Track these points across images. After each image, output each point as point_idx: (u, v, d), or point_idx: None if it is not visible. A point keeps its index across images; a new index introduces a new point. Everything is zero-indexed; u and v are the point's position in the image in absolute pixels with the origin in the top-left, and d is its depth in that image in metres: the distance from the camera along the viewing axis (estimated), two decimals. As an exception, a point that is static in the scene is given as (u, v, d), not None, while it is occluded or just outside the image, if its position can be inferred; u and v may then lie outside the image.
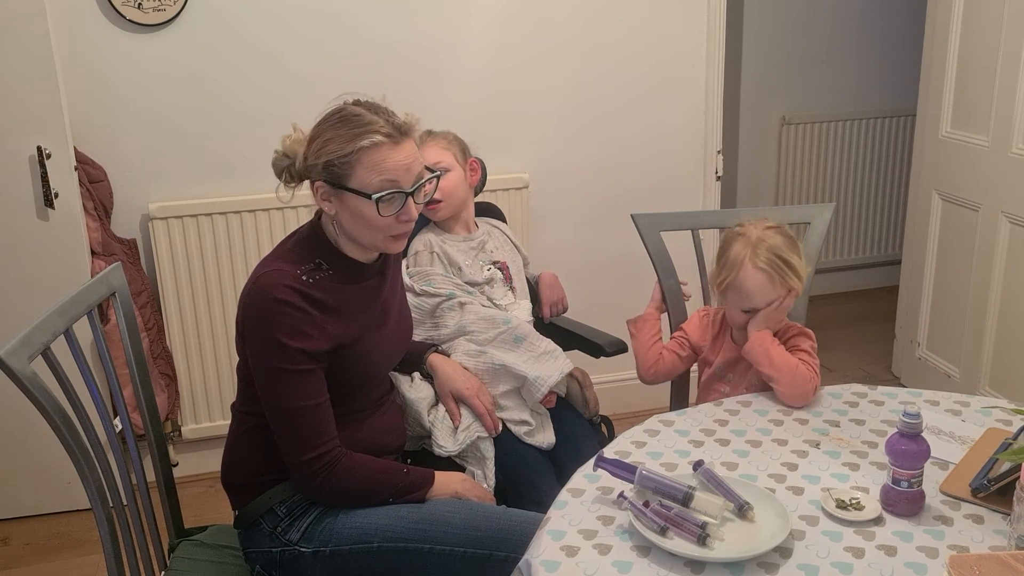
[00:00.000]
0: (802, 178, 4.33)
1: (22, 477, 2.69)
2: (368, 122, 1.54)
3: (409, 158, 1.57)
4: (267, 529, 1.62)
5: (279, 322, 1.52)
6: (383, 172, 1.54)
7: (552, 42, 2.97)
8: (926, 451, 1.36)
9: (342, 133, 1.54)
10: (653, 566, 1.25)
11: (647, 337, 2.03)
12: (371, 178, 1.54)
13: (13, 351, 1.35)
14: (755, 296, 1.80)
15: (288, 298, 1.53)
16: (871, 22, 4.24)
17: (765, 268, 1.79)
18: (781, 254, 1.80)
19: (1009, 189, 2.84)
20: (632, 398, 3.22)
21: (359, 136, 1.53)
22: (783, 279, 1.79)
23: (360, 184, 1.54)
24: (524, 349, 2.00)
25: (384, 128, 1.54)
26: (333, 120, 1.57)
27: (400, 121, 1.57)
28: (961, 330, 3.12)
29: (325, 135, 1.56)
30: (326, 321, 1.57)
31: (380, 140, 1.53)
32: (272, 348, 1.53)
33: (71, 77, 2.56)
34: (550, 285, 2.30)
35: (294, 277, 1.55)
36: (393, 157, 1.55)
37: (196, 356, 2.83)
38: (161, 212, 2.70)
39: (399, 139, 1.56)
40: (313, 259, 1.60)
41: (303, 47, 2.76)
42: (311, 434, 1.56)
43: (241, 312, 1.59)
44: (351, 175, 1.54)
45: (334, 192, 1.57)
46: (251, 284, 1.57)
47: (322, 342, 1.56)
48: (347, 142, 1.53)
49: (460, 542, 1.57)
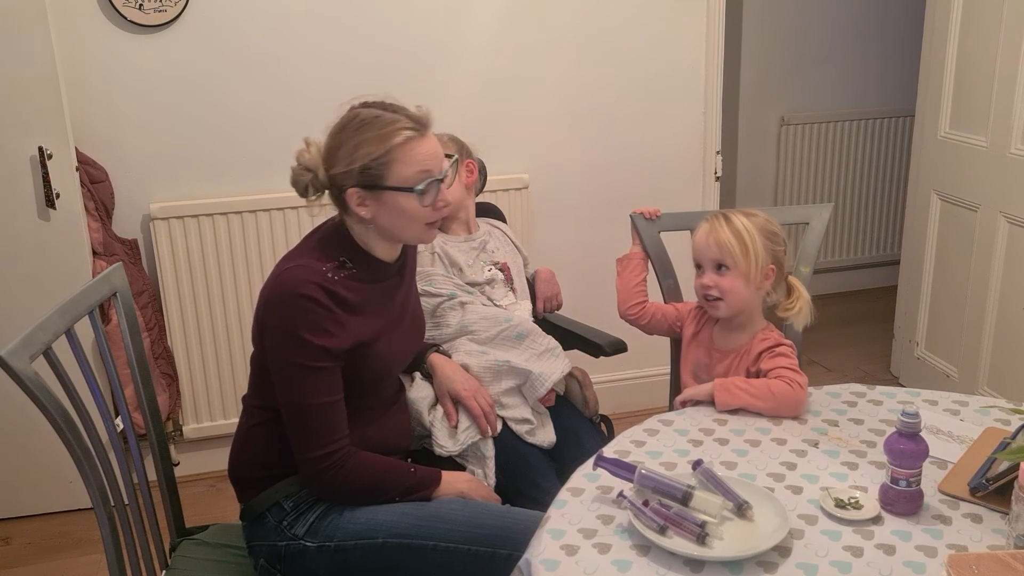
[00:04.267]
0: (801, 178, 4.34)
1: (23, 477, 2.69)
2: (392, 120, 1.58)
3: (436, 146, 1.62)
4: (273, 523, 1.62)
5: (303, 318, 1.53)
6: (419, 163, 1.58)
7: (552, 43, 2.97)
8: (925, 450, 1.36)
9: (371, 136, 1.56)
10: (652, 565, 1.25)
11: (632, 274, 2.08)
12: (409, 171, 1.57)
13: (14, 351, 1.35)
14: (699, 243, 1.81)
15: (313, 294, 1.54)
16: (870, 23, 4.24)
17: (711, 220, 1.81)
18: (737, 219, 1.79)
19: (1008, 189, 2.85)
20: (632, 398, 3.23)
21: (389, 135, 1.56)
22: (722, 238, 1.77)
23: (399, 180, 1.57)
24: (526, 347, 2.01)
25: (408, 123, 1.58)
26: (355, 126, 1.58)
27: (417, 114, 1.61)
28: (960, 330, 3.13)
29: (351, 141, 1.57)
30: (348, 319, 1.58)
31: (410, 134, 1.57)
32: (293, 343, 1.54)
33: (72, 77, 2.57)
34: (545, 280, 2.31)
35: (320, 274, 1.56)
36: (424, 148, 1.59)
37: (197, 356, 2.84)
38: (162, 212, 2.70)
39: (423, 130, 1.60)
40: (338, 257, 1.62)
41: (304, 48, 2.77)
42: (323, 431, 1.57)
43: (263, 305, 1.59)
44: (388, 173, 1.57)
45: (371, 195, 1.58)
46: (275, 278, 1.58)
47: (343, 340, 1.57)
48: (379, 143, 1.56)
49: (463, 540, 1.58)
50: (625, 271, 2.10)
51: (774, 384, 1.71)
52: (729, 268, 1.79)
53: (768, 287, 1.82)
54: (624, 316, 2.08)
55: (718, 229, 1.79)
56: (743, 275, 1.78)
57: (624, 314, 2.08)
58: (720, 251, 1.79)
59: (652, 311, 2.05)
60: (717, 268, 1.80)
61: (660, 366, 2.57)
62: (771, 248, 1.81)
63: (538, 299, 2.28)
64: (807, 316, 1.85)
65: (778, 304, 1.86)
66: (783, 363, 1.75)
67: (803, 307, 1.84)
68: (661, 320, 2.04)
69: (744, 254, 1.77)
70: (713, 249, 1.80)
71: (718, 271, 1.80)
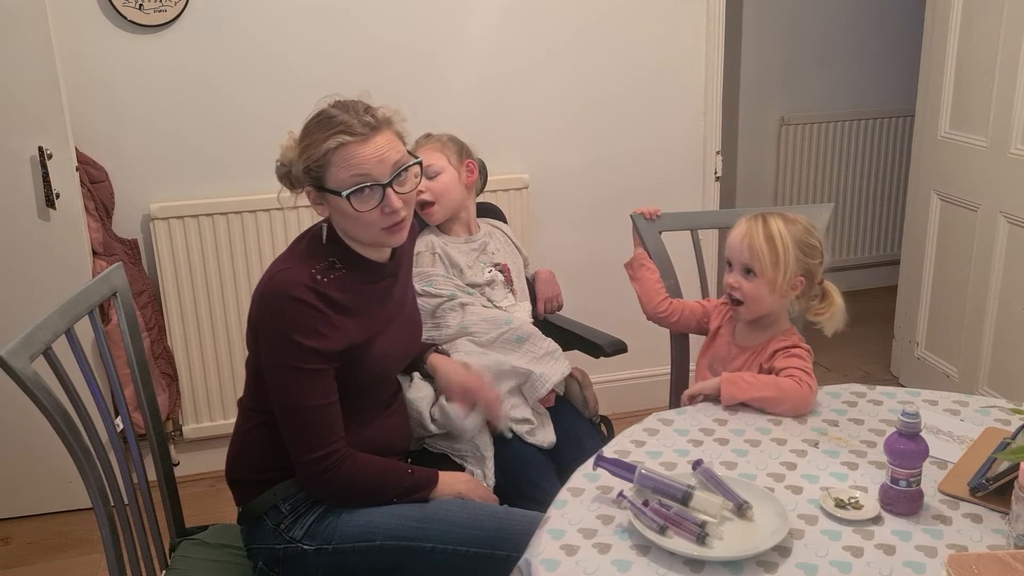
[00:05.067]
0: (801, 178, 4.34)
1: (23, 476, 2.69)
2: (339, 123, 1.55)
3: (381, 150, 1.56)
4: (270, 526, 1.62)
5: (294, 320, 1.53)
6: (352, 168, 1.55)
7: (552, 43, 2.97)
8: (925, 450, 1.36)
9: (317, 137, 1.56)
10: (652, 565, 1.25)
11: (647, 274, 2.09)
12: (343, 175, 1.55)
13: (14, 351, 1.35)
14: (733, 243, 1.79)
15: (304, 296, 1.53)
16: (870, 23, 4.24)
17: (750, 221, 1.78)
18: (775, 224, 1.77)
19: (1008, 189, 2.85)
20: (632, 398, 3.23)
21: (328, 138, 1.55)
22: (756, 244, 1.75)
23: (334, 183, 1.56)
24: (526, 350, 2.01)
25: (353, 127, 1.55)
26: (312, 125, 1.59)
27: (372, 117, 1.57)
28: (960, 330, 3.13)
29: (304, 140, 1.58)
30: (340, 321, 1.58)
31: (347, 139, 1.54)
32: (285, 346, 1.53)
33: (72, 78, 2.57)
34: (546, 281, 2.31)
35: (309, 276, 1.56)
36: (361, 152, 1.55)
37: (197, 356, 2.84)
38: (162, 212, 2.70)
39: (369, 135, 1.55)
40: (326, 258, 1.61)
41: (304, 48, 2.76)
42: (319, 433, 1.56)
43: (255, 309, 1.59)
44: (327, 176, 1.56)
45: (318, 195, 1.59)
46: (266, 281, 1.58)
47: (335, 342, 1.56)
48: (319, 145, 1.55)
49: (462, 541, 1.58)
50: (639, 273, 2.10)
51: (782, 380, 1.71)
52: (756, 275, 1.77)
53: (793, 296, 1.80)
54: (653, 316, 2.07)
55: (754, 233, 1.77)
56: (769, 283, 1.76)
57: (652, 313, 2.06)
58: (751, 256, 1.77)
59: (680, 308, 2.05)
60: (745, 271, 1.79)
61: (660, 366, 2.57)
62: (803, 260, 1.77)
63: (539, 300, 2.28)
64: (838, 323, 1.82)
65: (810, 308, 1.84)
66: (796, 363, 1.75)
67: (835, 313, 1.82)
68: (689, 317, 2.04)
69: (774, 264, 1.75)
70: (745, 253, 1.78)
71: (746, 275, 1.79)
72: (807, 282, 1.80)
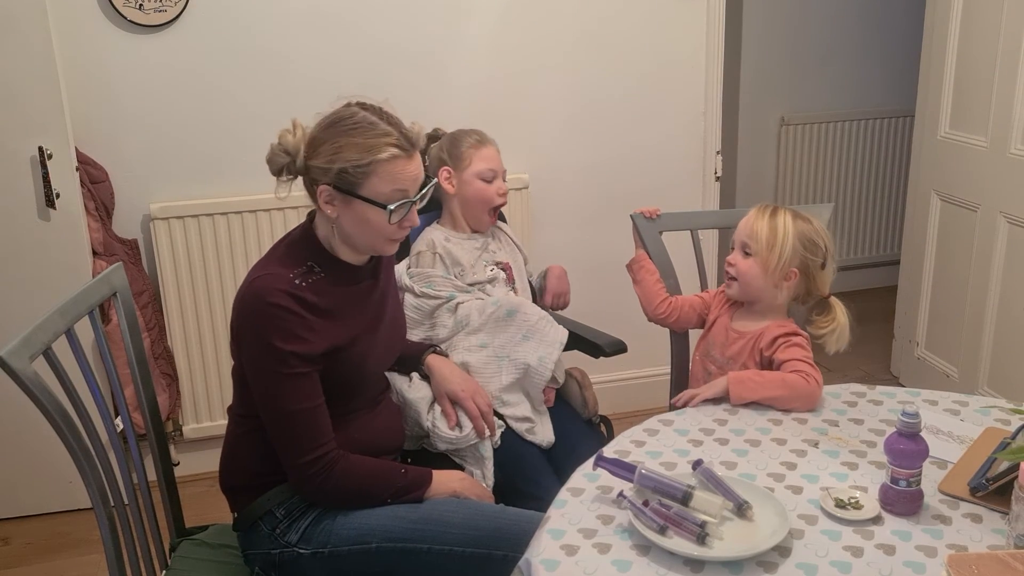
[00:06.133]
0: (801, 178, 4.34)
1: (23, 477, 2.69)
2: (383, 132, 1.56)
3: (419, 169, 1.61)
4: (266, 531, 1.62)
5: (273, 326, 1.53)
6: (397, 183, 1.57)
7: (552, 43, 2.97)
8: (924, 450, 1.36)
9: (358, 142, 1.55)
10: (652, 565, 1.25)
11: (648, 275, 2.11)
12: (385, 188, 1.56)
13: (14, 351, 1.35)
14: (739, 226, 1.87)
15: (281, 302, 1.53)
16: (870, 23, 4.24)
17: (761, 208, 1.86)
18: (781, 215, 1.84)
19: (1007, 189, 2.85)
20: (632, 397, 3.23)
21: (376, 148, 1.54)
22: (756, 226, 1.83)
23: (372, 193, 1.56)
24: (520, 321, 2.00)
25: (399, 140, 1.56)
26: (346, 125, 1.56)
27: (410, 132, 1.60)
28: (960, 330, 3.13)
29: (337, 141, 1.56)
30: (319, 324, 1.57)
31: (397, 153, 1.55)
32: (266, 352, 1.53)
33: (72, 77, 2.57)
34: (558, 277, 2.32)
35: (287, 280, 1.56)
36: (408, 170, 1.58)
37: (197, 356, 2.84)
38: (162, 212, 2.70)
39: (412, 152, 1.59)
40: (305, 262, 1.61)
41: (304, 49, 2.76)
42: (308, 437, 1.56)
43: (235, 316, 1.59)
44: (364, 184, 1.56)
45: (341, 197, 1.57)
46: (244, 288, 1.58)
47: (316, 345, 1.56)
48: (363, 152, 1.54)
49: (459, 541, 1.57)
50: (640, 274, 2.11)
51: (789, 377, 1.73)
52: (751, 254, 1.84)
53: (787, 288, 1.85)
54: (653, 318, 2.09)
55: (758, 218, 1.86)
56: (763, 264, 1.83)
57: (653, 315, 2.09)
58: (749, 235, 1.85)
59: (679, 305, 2.07)
60: (744, 252, 1.86)
61: (660, 366, 2.57)
62: (802, 253, 1.84)
63: (548, 293, 2.29)
64: (840, 342, 1.84)
65: (812, 320, 1.88)
66: (799, 355, 1.77)
67: (837, 330, 1.84)
68: (690, 312, 2.06)
69: (769, 247, 1.82)
70: (744, 232, 1.86)
71: (744, 255, 1.86)
72: (802, 276, 1.85)
